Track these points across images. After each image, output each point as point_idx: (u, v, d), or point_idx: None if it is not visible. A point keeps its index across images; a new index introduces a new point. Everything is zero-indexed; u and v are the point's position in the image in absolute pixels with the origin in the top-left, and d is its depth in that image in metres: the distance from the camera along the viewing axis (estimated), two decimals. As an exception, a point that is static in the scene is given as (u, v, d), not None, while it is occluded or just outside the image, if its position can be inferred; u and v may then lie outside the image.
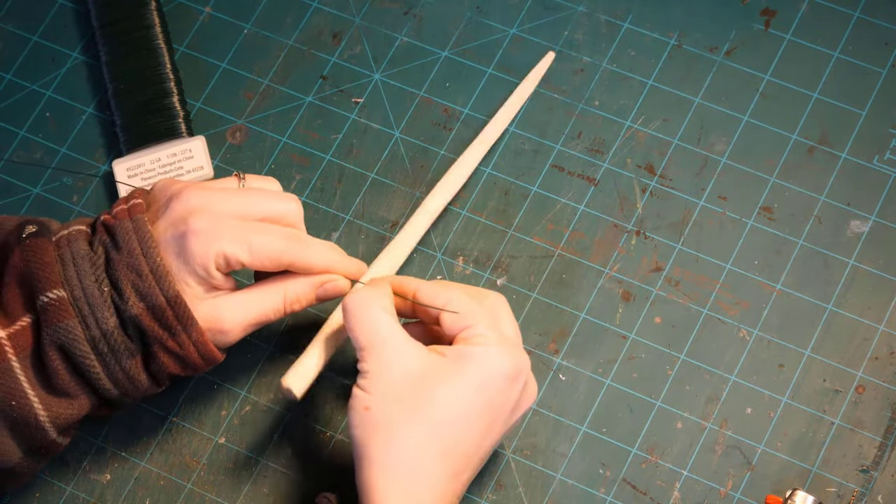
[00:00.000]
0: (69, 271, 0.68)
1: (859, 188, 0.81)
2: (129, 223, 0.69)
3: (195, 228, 0.68)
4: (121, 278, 0.68)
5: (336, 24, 0.88)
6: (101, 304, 0.68)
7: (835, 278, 0.79)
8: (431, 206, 0.79)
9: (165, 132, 0.84)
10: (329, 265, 0.72)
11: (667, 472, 0.76)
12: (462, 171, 0.80)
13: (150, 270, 0.68)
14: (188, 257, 0.68)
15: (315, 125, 0.85)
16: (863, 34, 0.84)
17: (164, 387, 0.72)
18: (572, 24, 0.86)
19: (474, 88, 0.85)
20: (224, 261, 0.69)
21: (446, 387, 0.67)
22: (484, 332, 0.68)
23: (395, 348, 0.68)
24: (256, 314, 0.71)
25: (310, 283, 0.72)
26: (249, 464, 0.78)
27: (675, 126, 0.83)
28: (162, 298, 0.68)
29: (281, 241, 0.70)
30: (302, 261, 0.71)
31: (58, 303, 0.67)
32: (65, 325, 0.67)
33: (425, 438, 0.66)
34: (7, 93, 0.88)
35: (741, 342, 0.78)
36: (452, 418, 0.66)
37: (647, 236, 0.81)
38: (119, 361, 0.68)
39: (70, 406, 0.69)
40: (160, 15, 0.87)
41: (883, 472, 0.75)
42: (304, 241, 0.72)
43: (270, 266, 0.70)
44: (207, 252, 0.68)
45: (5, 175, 0.86)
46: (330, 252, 0.73)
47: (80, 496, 0.78)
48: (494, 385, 0.67)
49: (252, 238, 0.69)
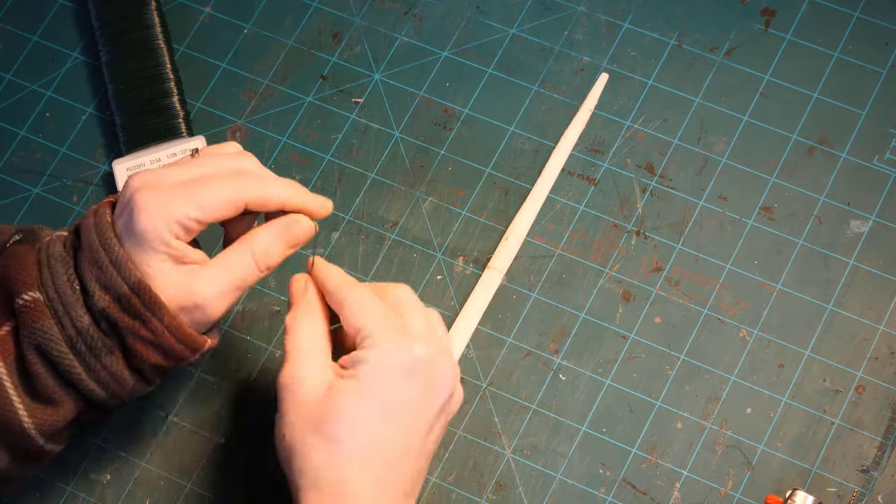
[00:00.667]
0: (45, 274, 0.67)
1: (859, 188, 0.81)
2: (92, 219, 0.68)
3: (139, 205, 0.66)
4: (85, 274, 0.67)
5: (336, 24, 0.88)
6: (75, 303, 0.67)
7: (835, 278, 0.79)
8: (511, 244, 0.81)
9: (165, 132, 0.84)
10: (289, 197, 0.70)
11: (667, 472, 0.76)
12: (533, 205, 0.82)
13: (109, 261, 0.66)
14: (141, 237, 0.66)
15: (315, 125, 0.85)
16: (863, 34, 0.84)
17: (153, 384, 0.70)
18: (572, 24, 0.86)
19: (474, 88, 0.85)
20: (179, 227, 0.67)
21: (343, 400, 0.65)
22: (370, 332, 0.67)
23: (305, 368, 0.67)
24: (229, 281, 0.69)
25: (274, 232, 0.70)
26: (249, 464, 0.78)
27: (675, 126, 0.83)
28: (125, 287, 0.66)
29: (229, 183, 0.68)
30: (258, 198, 0.68)
31: (33, 304, 0.66)
32: (40, 325, 0.66)
33: (338, 458, 0.64)
34: (7, 93, 0.88)
35: (741, 342, 0.78)
36: (359, 431, 0.65)
37: (647, 236, 0.81)
38: (99, 359, 0.67)
39: (55, 413, 0.68)
40: (160, 15, 0.87)
41: (883, 472, 0.75)
42: (256, 175, 0.69)
43: (229, 213, 0.68)
44: (157, 225, 0.66)
45: (5, 175, 0.86)
46: (287, 183, 0.70)
47: (80, 496, 0.78)
48: (387, 384, 0.66)
49: (197, 192, 0.67)
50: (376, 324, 0.67)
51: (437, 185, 0.83)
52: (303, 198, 0.71)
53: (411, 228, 0.82)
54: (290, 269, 0.82)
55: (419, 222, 0.82)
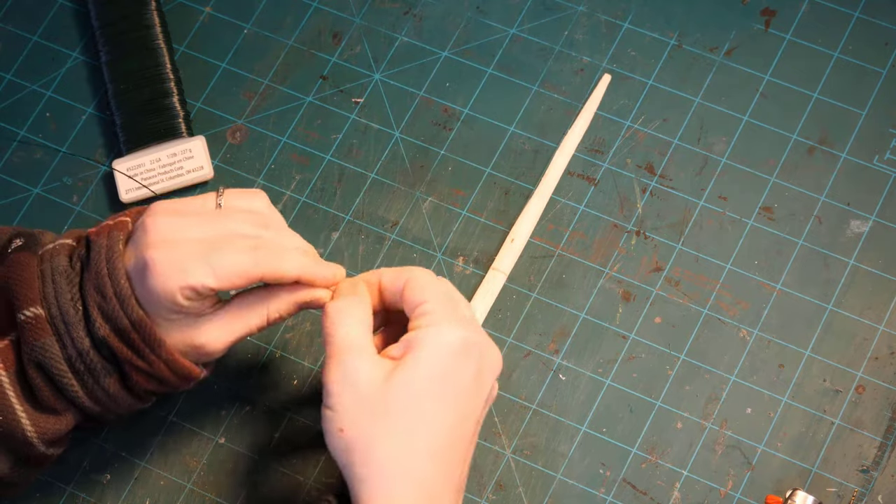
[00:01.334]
0: (48, 288, 0.67)
1: (859, 188, 0.81)
2: (105, 241, 0.67)
3: (153, 266, 0.65)
4: (88, 299, 0.66)
5: (336, 24, 0.88)
6: (77, 324, 0.67)
7: (835, 278, 0.79)
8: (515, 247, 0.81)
9: (165, 132, 0.84)
10: (302, 273, 0.69)
11: (667, 472, 0.76)
12: (539, 202, 0.82)
13: (113, 293, 0.66)
14: (149, 295, 0.66)
15: (315, 125, 0.85)
16: (863, 34, 0.84)
17: (149, 402, 0.71)
18: (572, 24, 0.86)
19: (474, 88, 0.85)
20: (191, 292, 0.66)
21: (402, 381, 0.65)
22: (432, 308, 0.67)
23: (360, 360, 0.66)
24: (240, 331, 0.69)
25: (292, 300, 0.70)
26: (249, 464, 0.78)
27: (675, 126, 0.83)
28: (126, 322, 0.66)
29: (247, 256, 0.67)
30: (273, 273, 0.68)
31: (35, 321, 0.66)
32: (41, 343, 0.66)
33: (401, 443, 0.64)
34: (7, 93, 0.88)
35: (741, 342, 0.78)
36: (419, 412, 0.65)
37: (647, 236, 0.81)
38: (97, 380, 0.68)
39: (57, 422, 0.68)
40: (160, 15, 0.87)
41: (883, 472, 0.75)
42: (272, 250, 0.68)
43: (242, 284, 0.67)
44: (169, 288, 0.65)
45: (5, 175, 0.86)
46: (302, 260, 0.69)
47: (80, 496, 0.78)
48: (446, 362, 0.65)
49: (215, 261, 0.66)
50: (439, 300, 0.67)
51: (437, 185, 0.83)
52: (315, 271, 0.70)
53: (411, 228, 0.82)
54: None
55: (419, 222, 0.82)
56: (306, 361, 0.80)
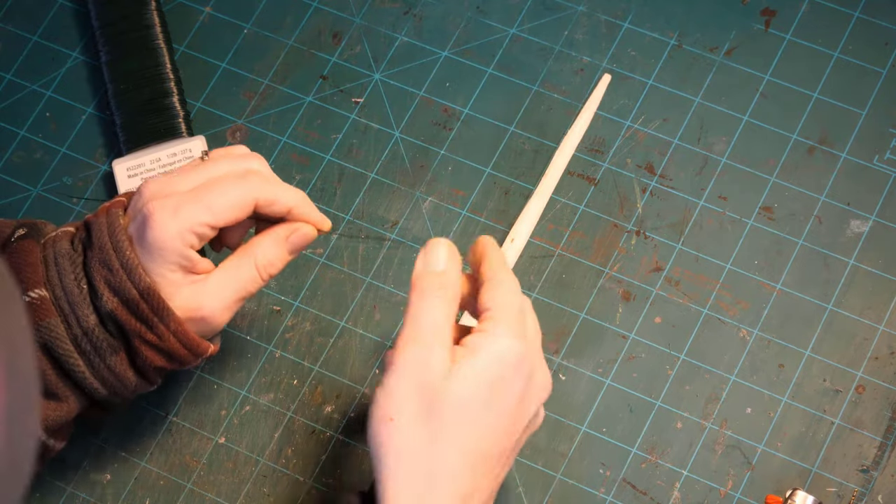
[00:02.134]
0: (51, 271, 0.67)
1: (859, 188, 0.81)
2: (104, 218, 0.68)
3: (152, 216, 0.67)
4: (94, 275, 0.67)
5: (336, 24, 0.88)
6: (81, 302, 0.67)
7: (835, 278, 0.79)
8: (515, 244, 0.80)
9: (165, 132, 0.84)
10: (296, 203, 0.70)
11: (667, 472, 0.76)
12: (538, 202, 0.82)
13: (120, 265, 0.67)
14: (154, 247, 0.67)
15: (315, 125, 0.85)
16: (863, 34, 0.84)
17: (155, 384, 0.71)
18: (572, 24, 0.86)
19: (474, 88, 0.85)
20: (192, 235, 0.67)
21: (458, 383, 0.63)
22: (501, 316, 0.65)
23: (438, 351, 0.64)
24: (234, 292, 0.69)
25: (276, 240, 0.70)
26: (249, 464, 0.78)
27: (675, 126, 0.83)
28: (134, 292, 0.67)
29: (238, 186, 0.68)
30: (266, 196, 0.69)
31: (39, 301, 0.67)
32: (46, 323, 0.67)
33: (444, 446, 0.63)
34: (7, 93, 0.88)
35: (741, 342, 0.78)
36: (466, 418, 0.63)
37: (647, 236, 0.81)
38: (103, 359, 0.68)
39: (59, 409, 0.68)
40: (160, 15, 0.87)
41: (883, 472, 0.75)
42: (263, 176, 0.69)
43: (239, 214, 0.68)
44: (170, 235, 0.67)
45: (5, 175, 0.86)
46: (296, 190, 0.71)
47: (80, 496, 0.78)
48: (497, 370, 0.64)
49: (207, 197, 0.67)
50: (510, 311, 0.65)
51: (437, 185, 0.83)
52: (308, 207, 0.71)
53: (411, 228, 0.82)
54: (290, 268, 0.82)
55: (419, 222, 0.82)
56: (306, 361, 0.80)
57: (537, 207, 0.81)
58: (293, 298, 0.81)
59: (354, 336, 0.80)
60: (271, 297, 0.81)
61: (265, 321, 0.81)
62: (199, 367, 0.80)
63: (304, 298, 0.81)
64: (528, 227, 0.81)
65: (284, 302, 0.81)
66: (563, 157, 0.82)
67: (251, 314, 0.81)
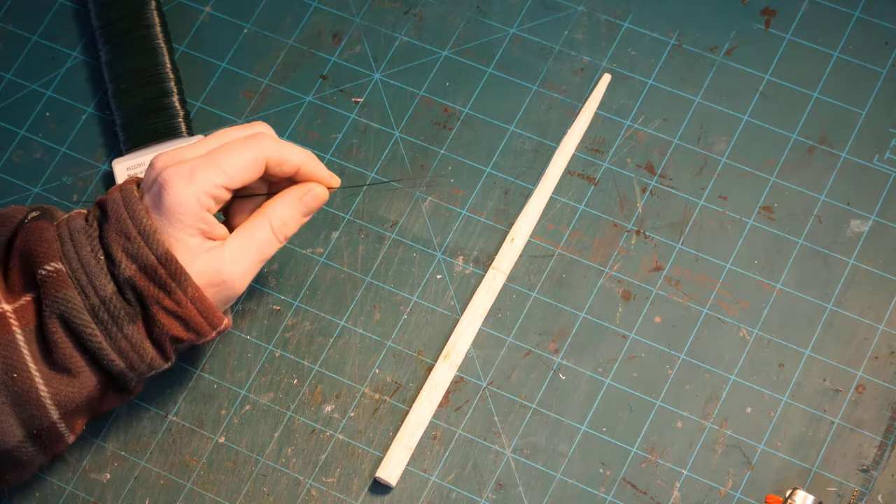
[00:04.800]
0: (66, 246, 0.69)
1: (859, 188, 0.81)
2: (118, 194, 0.70)
3: (167, 181, 0.68)
4: (111, 244, 0.68)
5: (336, 23, 0.88)
6: (99, 272, 0.68)
7: (835, 278, 0.79)
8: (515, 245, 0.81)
9: (165, 132, 0.84)
10: (304, 161, 0.73)
11: (667, 471, 0.76)
12: (539, 201, 0.82)
13: (137, 232, 0.68)
14: (171, 212, 0.68)
15: (315, 125, 0.85)
16: (863, 34, 0.84)
17: (170, 359, 0.72)
18: (572, 24, 0.86)
19: (474, 88, 0.85)
20: (208, 197, 0.69)
21: None
22: None
23: None
24: (252, 255, 0.71)
25: (289, 202, 0.73)
26: (249, 463, 0.78)
27: (675, 126, 0.83)
28: (152, 257, 0.68)
29: (247, 146, 0.70)
30: (277, 156, 0.71)
31: (56, 274, 0.68)
32: (63, 294, 0.68)
33: None
34: (7, 93, 0.88)
35: (741, 342, 0.78)
36: None
37: (647, 236, 0.81)
38: (121, 328, 0.68)
39: (71, 384, 0.69)
40: (160, 15, 0.87)
41: (883, 472, 0.75)
42: (271, 139, 0.72)
43: (252, 174, 0.70)
44: (187, 198, 0.68)
45: (5, 175, 0.86)
46: (302, 149, 0.73)
47: (80, 496, 0.78)
48: None
49: (219, 159, 0.69)
50: None
51: (436, 185, 0.83)
52: (316, 164, 0.73)
53: (411, 228, 0.82)
54: (290, 268, 0.82)
55: (419, 222, 0.82)
56: (306, 361, 0.80)
57: (537, 207, 0.81)
58: (293, 298, 0.81)
59: (354, 336, 0.80)
60: (271, 296, 0.81)
61: (265, 321, 0.81)
62: (199, 366, 0.80)
63: (304, 298, 0.81)
64: (528, 227, 0.81)
65: (284, 301, 0.81)
66: (562, 157, 0.82)
67: (251, 314, 0.81)
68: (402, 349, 0.80)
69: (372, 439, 0.78)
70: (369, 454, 0.77)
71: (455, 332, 0.79)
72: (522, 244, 0.81)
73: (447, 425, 0.78)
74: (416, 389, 0.79)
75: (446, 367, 0.78)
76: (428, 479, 0.77)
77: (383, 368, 0.79)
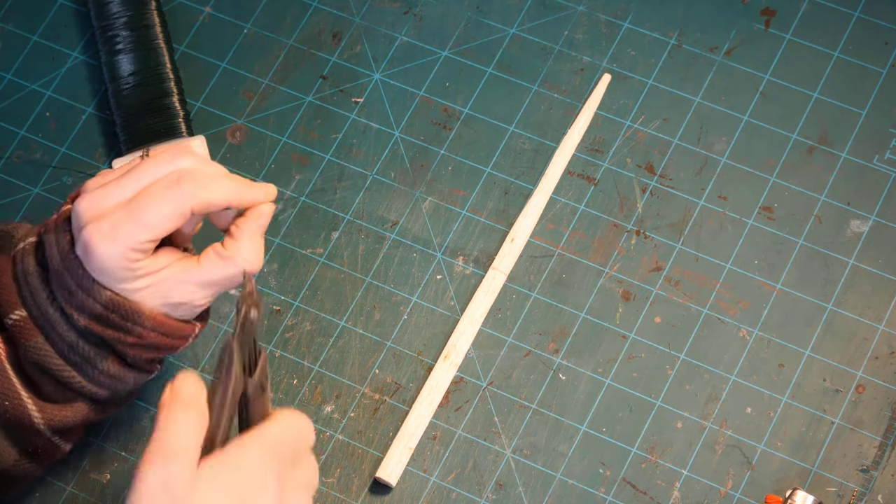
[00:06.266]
0: (24, 291, 0.67)
1: (859, 188, 0.81)
2: (53, 237, 0.67)
3: (90, 245, 0.65)
4: (59, 296, 0.67)
5: (336, 23, 0.88)
6: (58, 321, 0.67)
7: (835, 278, 0.79)
8: (516, 245, 0.81)
9: (165, 132, 0.84)
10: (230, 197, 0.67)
11: (667, 471, 0.76)
12: (539, 200, 0.82)
13: (76, 286, 0.66)
14: (100, 270, 0.65)
15: (315, 125, 0.85)
16: (863, 34, 0.84)
17: (155, 371, 0.71)
18: (572, 24, 0.86)
19: (474, 88, 0.85)
20: (134, 252, 0.65)
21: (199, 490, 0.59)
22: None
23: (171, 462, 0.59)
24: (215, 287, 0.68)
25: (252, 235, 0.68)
26: (249, 463, 0.78)
27: (675, 126, 0.83)
28: (99, 307, 0.66)
29: (169, 197, 0.65)
30: (200, 202, 0.66)
31: (22, 322, 0.67)
32: (33, 343, 0.67)
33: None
34: (7, 93, 0.88)
35: (741, 342, 0.78)
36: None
37: (647, 236, 0.81)
38: (95, 366, 0.68)
39: (64, 409, 0.68)
40: (160, 15, 0.87)
41: (883, 472, 0.75)
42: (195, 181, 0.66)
43: (176, 224, 0.66)
44: (111, 258, 0.65)
45: (5, 175, 0.86)
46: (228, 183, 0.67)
47: (80, 496, 0.78)
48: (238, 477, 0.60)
49: (140, 213, 0.65)
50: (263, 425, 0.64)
51: (437, 185, 0.83)
52: (245, 194, 0.68)
53: (411, 228, 0.82)
54: (290, 268, 0.82)
55: (419, 222, 0.82)
56: (306, 361, 0.80)
57: (537, 207, 0.81)
58: (293, 298, 0.81)
59: (354, 336, 0.80)
60: (271, 296, 0.81)
61: (265, 321, 0.81)
62: (199, 366, 0.80)
63: (304, 298, 0.81)
64: (528, 227, 0.81)
65: (284, 302, 0.81)
66: (562, 157, 0.82)
67: (251, 314, 0.81)
68: (401, 349, 0.80)
69: (372, 439, 0.78)
70: (369, 454, 0.77)
71: (455, 333, 0.79)
72: (522, 244, 0.81)
73: (447, 425, 0.78)
74: (416, 390, 0.79)
75: (446, 368, 0.78)
76: (428, 479, 0.77)
77: (383, 369, 0.79)
